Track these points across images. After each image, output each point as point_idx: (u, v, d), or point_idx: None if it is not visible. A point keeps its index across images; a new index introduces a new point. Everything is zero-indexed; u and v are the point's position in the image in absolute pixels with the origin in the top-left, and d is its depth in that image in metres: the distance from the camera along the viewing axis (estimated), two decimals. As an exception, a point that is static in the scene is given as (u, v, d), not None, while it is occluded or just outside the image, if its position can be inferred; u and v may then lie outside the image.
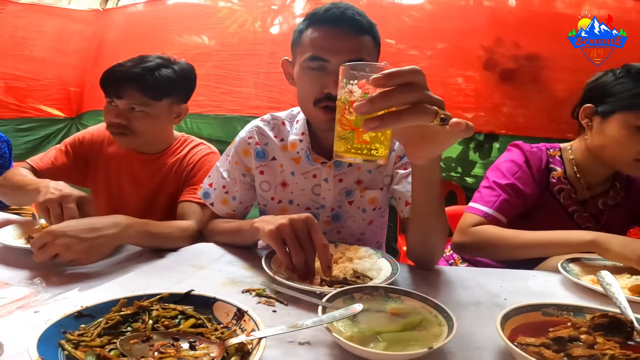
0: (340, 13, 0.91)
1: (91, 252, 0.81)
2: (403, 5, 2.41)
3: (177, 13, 2.85)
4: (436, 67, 2.28)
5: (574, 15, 2.13)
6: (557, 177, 1.16)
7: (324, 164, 1.04)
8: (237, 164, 1.09)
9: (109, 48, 2.94)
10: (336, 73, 0.84)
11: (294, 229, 0.75)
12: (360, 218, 1.09)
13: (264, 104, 2.53)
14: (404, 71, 0.50)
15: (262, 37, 2.61)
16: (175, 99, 1.26)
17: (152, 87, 1.17)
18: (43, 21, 2.89)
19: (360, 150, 0.54)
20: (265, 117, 1.13)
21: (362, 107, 0.49)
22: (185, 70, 1.27)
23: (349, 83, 0.54)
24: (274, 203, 1.09)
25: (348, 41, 0.91)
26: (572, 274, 0.87)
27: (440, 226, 0.85)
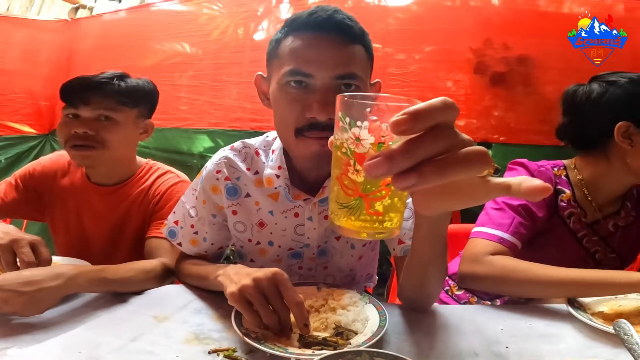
0: (328, 17, 0.75)
1: (31, 305, 0.74)
2: (388, 8, 2.34)
3: (156, 20, 2.73)
4: (425, 71, 2.22)
5: (558, 12, 2.13)
6: (567, 199, 1.05)
7: (306, 201, 0.88)
8: (205, 202, 0.93)
9: (80, 58, 2.81)
10: (322, 91, 0.73)
11: (260, 289, 0.65)
12: (349, 254, 0.96)
13: (247, 115, 2.43)
14: (434, 108, 0.33)
15: (244, 44, 2.50)
16: (141, 111, 1.20)
17: (121, 92, 1.12)
18: (11, 32, 2.75)
19: (369, 223, 0.38)
20: (236, 145, 0.95)
21: (378, 169, 0.33)
22: (147, 85, 1.21)
23: (354, 125, 0.36)
24: (251, 245, 0.95)
25: (337, 51, 0.75)
26: (581, 311, 0.79)
27: (440, 272, 0.75)
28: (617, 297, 0.83)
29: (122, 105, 1.12)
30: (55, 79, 2.73)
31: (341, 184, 0.38)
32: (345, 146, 0.37)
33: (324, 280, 0.98)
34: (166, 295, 0.88)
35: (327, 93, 0.74)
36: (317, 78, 0.75)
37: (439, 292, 0.82)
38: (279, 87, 0.79)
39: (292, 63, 0.76)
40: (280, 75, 0.77)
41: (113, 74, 1.14)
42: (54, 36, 2.87)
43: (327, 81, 0.75)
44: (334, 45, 0.75)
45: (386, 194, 0.38)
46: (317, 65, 0.74)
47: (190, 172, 2.52)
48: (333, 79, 0.75)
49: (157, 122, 2.61)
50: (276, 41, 0.82)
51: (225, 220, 0.95)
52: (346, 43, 0.76)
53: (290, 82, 0.77)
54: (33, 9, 6.10)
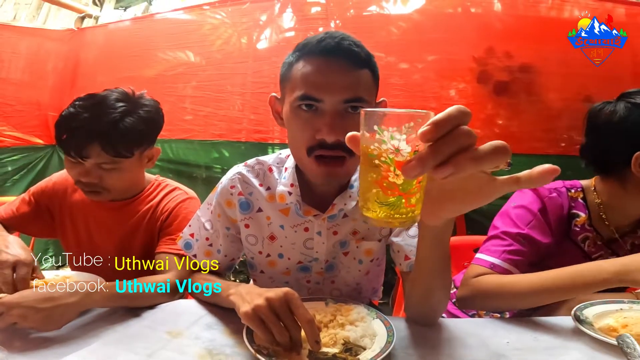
0: (336, 44, 0.80)
1: (49, 321, 0.78)
2: (391, 16, 2.32)
3: (161, 29, 2.73)
4: (428, 80, 2.21)
5: (558, 17, 2.12)
6: (581, 224, 1.03)
7: (316, 217, 0.93)
8: (220, 216, 0.98)
9: (86, 68, 2.83)
10: (330, 115, 0.78)
11: (273, 308, 0.67)
12: (356, 269, 0.99)
13: (251, 127, 2.43)
14: (452, 115, 0.41)
15: (247, 54, 2.50)
16: (145, 147, 1.15)
17: (120, 144, 1.06)
18: (18, 41, 2.77)
19: (405, 214, 0.46)
20: (250, 162, 1.00)
21: (414, 171, 0.41)
22: (151, 113, 1.15)
23: (393, 137, 0.43)
24: (261, 257, 0.99)
25: (344, 76, 0.79)
26: (586, 324, 0.80)
27: (445, 284, 0.77)
28: (622, 309, 0.84)
29: (122, 158, 1.08)
30: (62, 89, 2.76)
31: (381, 187, 0.45)
32: (384, 155, 0.43)
33: (330, 293, 1.01)
34: (178, 310, 0.90)
35: (335, 117, 0.78)
36: (326, 102, 0.79)
37: (444, 305, 0.84)
38: (292, 110, 0.83)
39: (303, 88, 0.80)
40: (293, 99, 0.82)
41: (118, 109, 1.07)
42: (60, 45, 2.89)
43: (335, 105, 0.79)
44: (342, 70, 0.79)
45: (418, 189, 0.45)
46: (326, 90, 0.78)
47: (196, 183, 2.55)
48: (341, 102, 0.79)
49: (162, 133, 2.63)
50: (288, 64, 0.86)
51: (238, 233, 0.99)
52: (353, 68, 0.80)
53: (301, 106, 0.81)
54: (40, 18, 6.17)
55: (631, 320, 0.80)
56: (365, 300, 1.09)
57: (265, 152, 2.41)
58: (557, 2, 2.15)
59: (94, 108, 1.06)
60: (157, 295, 0.93)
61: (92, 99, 1.09)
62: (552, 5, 2.14)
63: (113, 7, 7.52)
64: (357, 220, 0.95)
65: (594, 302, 0.86)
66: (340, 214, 0.93)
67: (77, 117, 1.05)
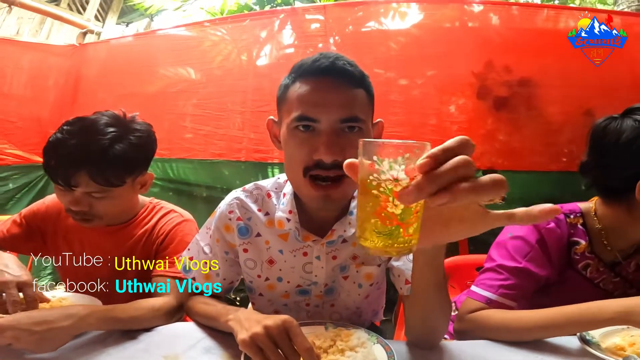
0: (330, 63, 0.80)
1: (43, 344, 0.78)
2: (389, 31, 2.32)
3: (162, 46, 2.73)
4: (427, 96, 2.20)
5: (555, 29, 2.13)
6: (581, 252, 0.99)
7: (315, 242, 0.92)
8: (219, 241, 0.98)
9: (87, 84, 2.83)
10: (327, 135, 0.78)
11: (271, 336, 0.66)
12: (356, 293, 0.98)
13: (251, 146, 2.41)
14: (449, 147, 0.42)
15: (247, 71, 2.49)
16: (137, 174, 1.11)
17: (109, 173, 1.02)
18: (20, 56, 2.77)
19: (403, 244, 0.46)
20: (248, 187, 1.00)
21: (410, 196, 0.41)
22: (143, 138, 1.10)
23: (392, 168, 0.43)
24: (260, 280, 0.98)
25: (339, 95, 0.79)
26: (592, 343, 0.78)
27: (442, 306, 0.77)
28: (630, 327, 0.82)
29: (112, 187, 1.05)
30: (62, 105, 2.75)
31: (379, 216, 0.45)
32: (383, 185, 0.44)
33: (330, 317, 0.99)
34: (175, 334, 0.89)
35: (331, 136, 0.78)
36: (322, 122, 0.79)
37: (444, 327, 0.82)
38: (289, 131, 0.83)
39: (299, 108, 0.80)
40: (290, 120, 0.82)
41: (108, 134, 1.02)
42: (62, 61, 2.88)
43: (332, 124, 0.79)
44: (337, 89, 0.80)
45: (415, 219, 0.45)
46: (322, 109, 0.79)
47: (196, 202, 2.53)
48: (337, 122, 0.79)
49: (162, 152, 2.59)
50: (284, 87, 0.86)
51: (237, 257, 0.99)
52: (348, 87, 0.81)
53: (298, 127, 0.81)
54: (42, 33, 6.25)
55: (639, 338, 0.79)
56: (366, 323, 1.08)
57: (265, 172, 2.41)
58: (552, 14, 2.17)
59: (81, 134, 1.03)
60: (154, 318, 0.92)
61: (81, 123, 1.05)
62: (548, 17, 2.16)
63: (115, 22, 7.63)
64: (356, 244, 0.93)
65: None
66: (339, 240, 0.93)
67: (64, 143, 1.01)
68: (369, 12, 2.37)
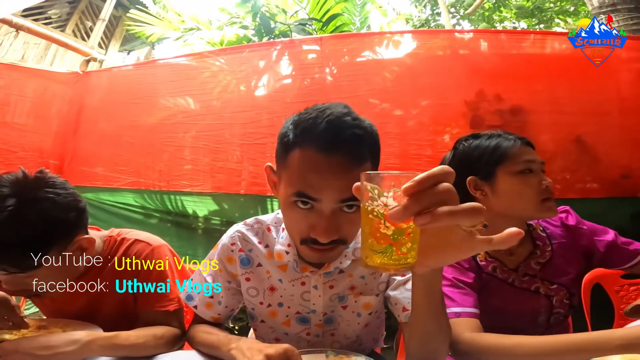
0: (338, 138, 0.76)
1: None
2: (384, 61, 2.38)
3: (162, 75, 2.76)
4: (423, 127, 2.23)
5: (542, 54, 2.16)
6: (483, 258, 1.13)
7: (312, 272, 0.96)
8: (221, 271, 1.04)
9: (89, 113, 2.85)
10: (326, 217, 0.77)
11: None
12: (355, 322, 1.01)
13: (250, 178, 2.42)
14: (433, 174, 0.49)
15: (246, 102, 2.51)
16: (66, 244, 0.97)
17: (8, 262, 0.89)
18: (24, 83, 2.79)
19: (397, 261, 0.53)
20: (249, 221, 1.07)
21: (397, 215, 0.49)
22: (55, 208, 0.92)
23: (383, 195, 0.51)
24: (262, 307, 1.03)
25: (344, 177, 0.75)
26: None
27: (441, 331, 0.78)
28: None
29: (31, 270, 0.90)
30: (65, 135, 2.77)
31: (374, 237, 0.53)
32: (376, 210, 0.52)
33: (331, 346, 1.01)
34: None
35: (330, 219, 0.78)
36: (322, 202, 0.77)
37: (445, 352, 0.84)
38: (287, 202, 0.82)
39: (299, 185, 0.78)
40: (289, 193, 0.80)
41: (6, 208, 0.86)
42: (66, 89, 2.91)
43: (331, 206, 0.78)
44: (342, 169, 0.76)
45: (408, 240, 0.52)
46: (323, 191, 0.77)
47: (195, 235, 2.52)
48: (338, 202, 0.78)
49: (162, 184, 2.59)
50: (285, 146, 0.83)
51: (239, 286, 1.04)
52: (353, 167, 0.77)
53: (297, 202, 0.80)
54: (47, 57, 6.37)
55: None
56: (367, 350, 1.10)
57: (264, 205, 2.42)
58: (538, 38, 2.22)
59: None
60: (157, 347, 0.94)
61: None
62: (534, 42, 2.20)
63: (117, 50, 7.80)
64: (353, 275, 0.97)
65: None
66: (335, 271, 0.96)
67: None
68: (364, 42, 2.45)
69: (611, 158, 2.07)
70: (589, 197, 2.06)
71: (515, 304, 1.10)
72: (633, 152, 2.05)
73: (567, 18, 6.85)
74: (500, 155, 1.11)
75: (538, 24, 6.79)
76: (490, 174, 1.11)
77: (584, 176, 2.10)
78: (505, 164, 1.10)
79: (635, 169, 2.04)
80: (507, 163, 1.09)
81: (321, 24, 3.69)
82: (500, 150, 1.11)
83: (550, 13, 6.70)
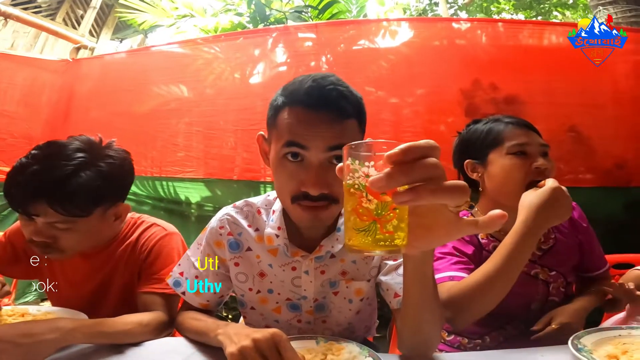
0: (322, 95, 0.80)
1: (28, 357, 0.77)
2: (380, 50, 2.37)
3: (155, 63, 2.73)
4: (418, 115, 2.23)
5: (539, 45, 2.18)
6: (484, 236, 1.15)
7: (304, 257, 0.94)
8: (210, 256, 0.99)
9: (80, 101, 2.81)
10: (315, 168, 0.79)
11: (260, 349, 0.67)
12: (347, 309, 0.99)
13: (243, 165, 2.42)
14: (420, 145, 0.45)
15: (240, 90, 2.50)
16: (108, 204, 1.05)
17: (70, 202, 0.95)
18: (14, 71, 2.75)
19: (383, 242, 0.47)
20: (238, 204, 1.03)
21: (379, 182, 0.44)
22: (114, 166, 1.03)
23: (363, 165, 0.47)
24: (252, 293, 1.00)
25: (329, 127, 0.79)
26: (584, 352, 0.79)
27: (434, 317, 0.77)
28: (622, 335, 0.85)
29: (76, 217, 0.98)
30: (54, 123, 2.73)
31: (357, 213, 0.48)
32: (357, 183, 0.47)
33: (322, 333, 0.99)
34: (165, 349, 0.89)
35: (319, 171, 0.79)
36: (311, 151, 0.79)
37: (436, 339, 0.84)
38: (278, 159, 0.84)
39: (289, 136, 0.81)
40: (279, 147, 0.82)
41: (73, 162, 0.96)
42: (55, 77, 2.87)
43: (320, 156, 0.79)
44: (328, 121, 0.79)
45: (394, 216, 0.47)
46: (311, 139, 0.79)
47: (188, 222, 2.50)
48: (326, 150, 0.79)
49: (154, 170, 2.58)
50: (275, 108, 0.86)
51: (228, 272, 1.00)
52: (339, 120, 0.80)
53: (287, 155, 0.81)
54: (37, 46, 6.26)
55: (631, 346, 0.80)
56: (359, 338, 1.08)
57: (257, 191, 2.41)
58: (535, 30, 2.23)
59: (46, 159, 0.96)
60: (143, 333, 0.92)
61: (49, 149, 1.00)
62: (532, 33, 2.21)
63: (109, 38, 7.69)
64: (345, 260, 0.96)
65: (591, 330, 0.86)
66: (327, 255, 0.95)
67: (25, 169, 0.95)
68: (360, 30, 2.43)
69: (605, 148, 2.08)
70: (583, 186, 2.07)
71: None
72: (627, 142, 2.06)
73: (566, 10, 6.84)
74: (492, 138, 1.12)
75: (536, 16, 6.77)
76: (484, 156, 1.14)
77: (578, 166, 2.10)
78: (497, 147, 1.11)
79: (629, 159, 2.06)
80: (499, 145, 1.11)
81: (317, 12, 3.65)
82: (493, 133, 1.13)
83: (549, 5, 6.68)
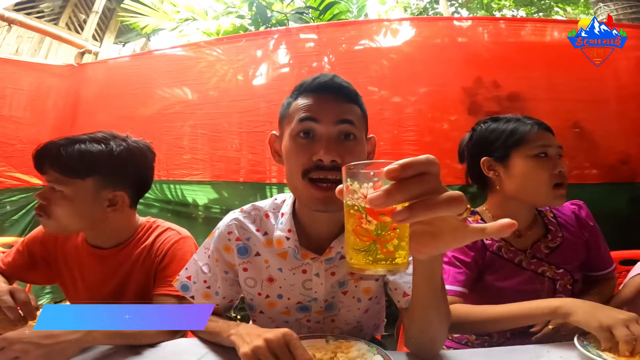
0: (329, 80, 0.90)
1: (50, 357, 0.80)
2: (382, 49, 2.37)
3: (159, 66, 2.75)
4: (421, 113, 2.23)
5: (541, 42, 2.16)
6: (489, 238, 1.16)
7: (314, 259, 0.94)
8: (218, 261, 1.00)
9: (85, 106, 2.84)
10: (326, 138, 0.83)
11: (271, 349, 0.70)
12: (356, 307, 1.00)
13: (249, 166, 2.43)
14: (418, 161, 0.45)
15: (243, 91, 2.50)
16: (104, 182, 1.10)
17: (67, 161, 1.04)
18: (19, 77, 2.78)
19: (384, 261, 0.48)
20: (246, 208, 1.02)
21: (377, 200, 0.44)
22: (123, 149, 1.12)
23: (362, 186, 0.47)
24: (261, 298, 1.00)
25: (337, 106, 0.88)
26: (590, 347, 0.81)
27: (441, 316, 0.79)
28: None
29: (68, 177, 1.05)
30: (61, 127, 2.75)
31: (357, 233, 0.48)
32: (357, 204, 0.47)
33: (331, 332, 1.01)
34: (179, 349, 0.91)
35: (330, 140, 0.85)
36: (321, 123, 0.85)
37: (443, 337, 0.85)
38: (291, 139, 0.88)
39: (302, 113, 0.87)
40: (292, 127, 0.88)
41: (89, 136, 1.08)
42: (61, 81, 2.89)
43: (330, 129, 0.85)
44: (335, 100, 0.88)
45: (394, 235, 0.48)
46: (322, 112, 0.86)
47: (195, 224, 2.52)
48: (335, 123, 0.86)
49: (161, 173, 2.59)
50: (287, 104, 0.94)
51: (237, 276, 1.01)
52: (344, 101, 0.89)
53: (300, 133, 0.87)
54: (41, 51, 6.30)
55: None
56: (368, 336, 1.10)
57: (263, 192, 2.42)
58: (537, 27, 2.21)
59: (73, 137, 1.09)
60: (158, 334, 0.94)
61: None
62: (533, 31, 2.19)
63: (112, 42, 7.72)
64: None
65: None
66: (337, 256, 0.95)
67: (55, 141, 1.08)
68: (362, 30, 2.43)
69: (609, 144, 2.07)
70: (588, 182, 2.06)
71: (518, 284, 1.12)
72: (631, 138, 2.05)
73: (567, 7, 6.82)
74: (517, 138, 1.13)
75: (537, 12, 6.76)
76: (505, 155, 1.14)
77: (582, 162, 2.10)
78: (521, 147, 1.12)
79: (634, 155, 2.05)
80: (523, 146, 1.12)
81: (318, 12, 3.66)
82: (518, 134, 1.13)
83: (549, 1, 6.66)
